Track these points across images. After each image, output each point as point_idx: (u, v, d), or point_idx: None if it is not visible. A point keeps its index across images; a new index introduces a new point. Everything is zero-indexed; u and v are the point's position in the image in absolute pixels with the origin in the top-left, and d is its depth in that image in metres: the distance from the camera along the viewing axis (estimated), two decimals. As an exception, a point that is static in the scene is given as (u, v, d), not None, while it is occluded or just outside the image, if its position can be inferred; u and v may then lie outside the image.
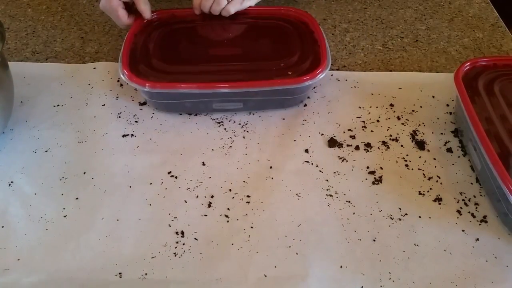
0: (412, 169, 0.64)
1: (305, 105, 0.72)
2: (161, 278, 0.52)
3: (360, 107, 0.72)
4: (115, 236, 0.56)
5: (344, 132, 0.68)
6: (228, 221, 0.58)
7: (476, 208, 0.60)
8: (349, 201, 0.60)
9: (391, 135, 0.68)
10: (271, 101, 0.69)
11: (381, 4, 0.92)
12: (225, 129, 0.68)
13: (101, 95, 0.72)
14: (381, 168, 0.64)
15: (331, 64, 0.70)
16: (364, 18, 0.89)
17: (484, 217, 0.59)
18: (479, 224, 0.58)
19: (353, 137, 0.68)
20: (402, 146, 0.67)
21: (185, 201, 0.59)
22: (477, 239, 0.57)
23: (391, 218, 0.59)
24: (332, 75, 0.77)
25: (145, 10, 0.73)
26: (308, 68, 0.67)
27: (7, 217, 0.57)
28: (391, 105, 0.73)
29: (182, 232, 0.56)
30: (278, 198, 0.60)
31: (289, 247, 0.55)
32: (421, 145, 0.67)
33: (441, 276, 0.53)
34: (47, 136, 0.66)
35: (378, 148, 0.67)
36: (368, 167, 0.64)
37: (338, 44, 0.83)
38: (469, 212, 0.60)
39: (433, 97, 0.74)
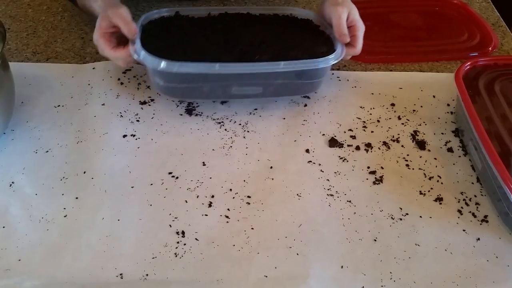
0: (413, 169, 0.64)
1: (305, 105, 0.72)
2: (162, 278, 0.52)
3: (360, 107, 0.72)
4: (116, 236, 0.56)
5: (344, 132, 0.68)
6: (228, 221, 0.58)
7: (477, 207, 0.60)
8: (350, 201, 0.60)
9: (392, 135, 0.68)
10: (290, 86, 0.69)
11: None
12: (225, 129, 0.68)
13: (101, 94, 0.72)
14: (382, 168, 0.64)
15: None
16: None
17: (485, 216, 0.59)
18: (480, 224, 0.58)
19: (353, 137, 0.68)
20: (402, 146, 0.67)
21: (186, 201, 0.59)
22: (478, 239, 0.57)
23: (392, 218, 0.59)
24: (332, 74, 0.77)
25: (126, 27, 0.63)
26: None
27: (8, 218, 0.57)
28: (392, 104, 0.73)
29: (183, 232, 0.56)
30: (278, 198, 0.60)
31: (290, 247, 0.55)
32: (421, 145, 0.67)
33: (442, 275, 0.53)
34: (47, 136, 0.66)
35: (379, 148, 0.66)
36: (368, 167, 0.64)
37: (338, 44, 0.83)
38: (470, 211, 0.59)
39: (434, 96, 0.74)
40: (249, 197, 0.60)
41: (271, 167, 0.64)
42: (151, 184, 0.61)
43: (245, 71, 0.63)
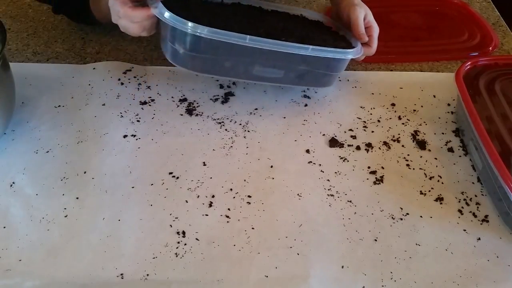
0: (413, 168, 0.64)
1: (306, 105, 0.72)
2: (162, 278, 0.52)
3: (361, 107, 0.72)
4: (116, 236, 0.56)
5: (345, 132, 0.68)
6: (228, 221, 0.58)
7: (478, 207, 0.60)
8: (350, 201, 0.60)
9: (392, 135, 0.68)
10: (310, 76, 0.69)
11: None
12: (226, 129, 0.68)
13: (102, 95, 0.72)
14: (382, 168, 0.64)
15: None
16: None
17: (486, 216, 0.59)
18: (481, 224, 0.58)
19: (354, 137, 0.68)
20: (403, 146, 0.67)
21: (186, 201, 0.59)
22: (479, 239, 0.57)
23: (392, 218, 0.58)
24: (333, 74, 0.77)
25: None
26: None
27: (8, 218, 0.57)
28: (392, 104, 0.73)
29: (183, 232, 0.56)
30: (279, 198, 0.60)
31: (290, 247, 0.55)
32: (422, 144, 0.67)
33: (443, 275, 0.53)
34: (48, 136, 0.66)
35: (379, 148, 0.66)
36: (369, 167, 0.64)
37: (339, 44, 0.83)
38: (471, 211, 0.59)
39: (434, 96, 0.74)
40: (249, 196, 0.60)
41: (272, 166, 0.64)
42: (152, 184, 0.61)
43: (274, 48, 0.62)
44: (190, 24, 0.59)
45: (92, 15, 0.75)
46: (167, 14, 0.59)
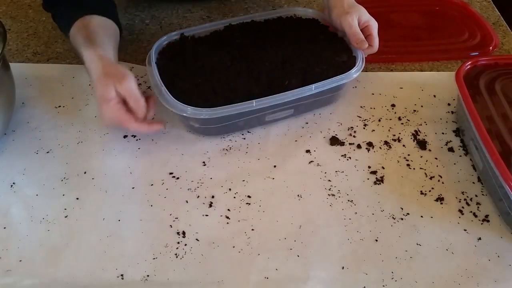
0: (414, 168, 0.64)
1: (306, 105, 0.72)
2: (162, 279, 0.52)
3: (361, 107, 0.72)
4: (117, 236, 0.56)
5: (345, 132, 0.68)
6: (228, 222, 0.58)
7: (478, 207, 0.60)
8: (351, 201, 0.60)
9: (393, 135, 0.68)
10: (319, 101, 0.69)
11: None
12: (226, 129, 0.68)
13: (102, 96, 0.72)
14: (383, 167, 0.64)
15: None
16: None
17: (486, 216, 0.59)
18: (481, 223, 0.58)
19: (354, 137, 0.68)
20: (403, 145, 0.67)
21: (186, 201, 0.59)
22: (479, 238, 0.57)
23: (393, 218, 0.58)
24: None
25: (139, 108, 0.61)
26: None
27: (9, 218, 0.57)
28: (393, 105, 0.73)
29: (184, 233, 0.56)
30: (279, 199, 0.60)
31: (290, 249, 0.55)
32: (422, 144, 0.67)
33: (444, 275, 0.53)
34: (48, 137, 0.66)
35: (380, 148, 0.66)
36: (369, 167, 0.64)
37: (339, 44, 0.83)
38: (471, 211, 0.59)
39: (435, 96, 0.74)
40: (249, 197, 0.60)
41: (272, 166, 0.64)
42: (152, 185, 0.61)
43: (281, 101, 0.63)
44: (205, 112, 0.60)
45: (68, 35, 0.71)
46: (180, 108, 0.61)
